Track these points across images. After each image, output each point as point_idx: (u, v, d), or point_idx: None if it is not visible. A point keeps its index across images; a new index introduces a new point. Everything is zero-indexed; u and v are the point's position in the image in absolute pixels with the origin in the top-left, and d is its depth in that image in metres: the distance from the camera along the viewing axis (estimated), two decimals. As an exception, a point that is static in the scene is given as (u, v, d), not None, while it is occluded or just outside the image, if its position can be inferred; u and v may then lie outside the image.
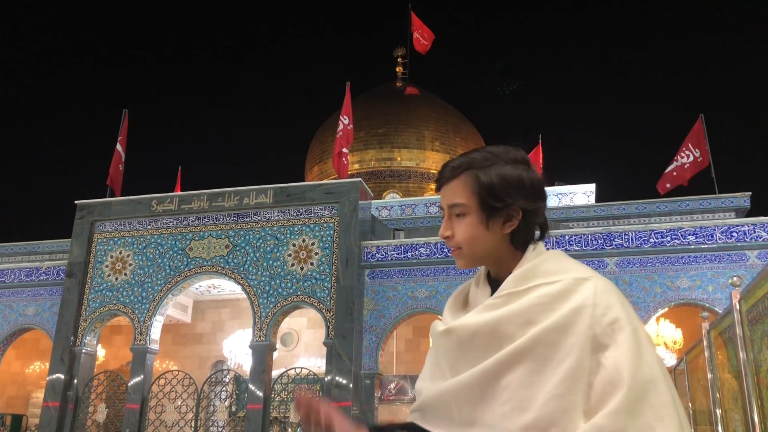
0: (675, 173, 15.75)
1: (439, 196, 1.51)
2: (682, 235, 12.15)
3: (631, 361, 1.18)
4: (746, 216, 15.64)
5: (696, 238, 12.06)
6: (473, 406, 1.27)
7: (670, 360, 13.00)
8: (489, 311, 1.32)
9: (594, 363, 1.20)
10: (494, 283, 1.43)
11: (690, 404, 6.21)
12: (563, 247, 12.63)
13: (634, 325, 1.23)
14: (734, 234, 11.90)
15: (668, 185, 15.85)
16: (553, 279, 1.30)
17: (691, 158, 15.61)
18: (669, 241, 12.18)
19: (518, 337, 1.25)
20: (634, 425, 1.14)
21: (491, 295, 1.39)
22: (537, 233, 1.45)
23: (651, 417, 1.15)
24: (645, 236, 12.34)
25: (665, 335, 13.84)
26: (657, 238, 12.26)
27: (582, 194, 19.08)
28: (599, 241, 12.53)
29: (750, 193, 16.24)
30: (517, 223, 1.39)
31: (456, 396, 1.30)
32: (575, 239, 12.61)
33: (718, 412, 4.77)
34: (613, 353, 1.20)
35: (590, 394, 1.19)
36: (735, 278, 3.93)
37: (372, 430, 1.37)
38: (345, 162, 15.14)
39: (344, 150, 15.18)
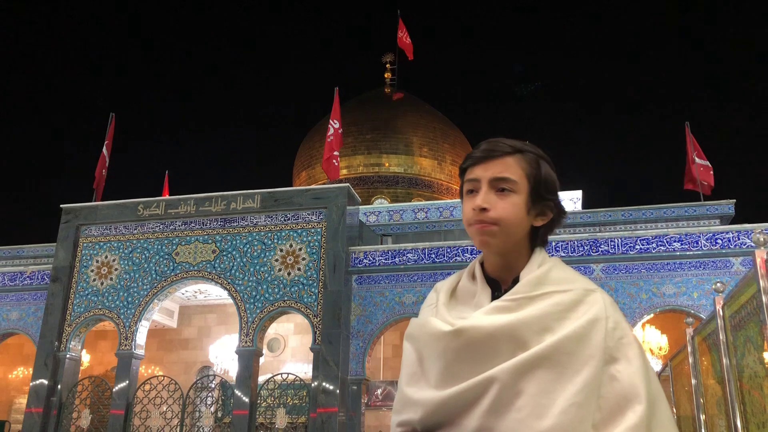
0: (703, 180, 15.68)
1: (425, 203, 1.52)
2: (667, 242, 12.24)
3: (643, 378, 1.22)
4: (731, 223, 15.78)
5: (681, 244, 12.16)
6: (482, 413, 1.22)
7: (656, 366, 13.08)
8: (503, 314, 1.29)
9: (606, 375, 1.22)
10: (490, 281, 1.41)
11: (674, 410, 6.24)
12: (550, 253, 12.66)
13: (638, 341, 1.28)
14: (719, 241, 12.01)
15: (705, 183, 15.76)
16: (564, 287, 1.31)
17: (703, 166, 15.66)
18: (655, 248, 12.27)
19: (534, 344, 1.24)
20: None
21: (492, 295, 1.38)
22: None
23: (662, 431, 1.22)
24: (631, 243, 12.42)
25: (651, 341, 13.92)
26: (643, 245, 12.35)
27: (569, 201, 19.18)
28: (585, 248, 12.59)
29: (734, 200, 16.41)
30: (549, 219, 1.42)
31: (464, 403, 1.24)
32: (562, 245, 12.66)
33: (702, 417, 4.80)
34: (626, 368, 1.23)
35: (601, 404, 1.21)
36: (719, 284, 3.97)
37: None
38: (336, 164, 15.18)
39: (335, 153, 15.20)
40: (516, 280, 1.37)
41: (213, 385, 14.36)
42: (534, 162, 1.41)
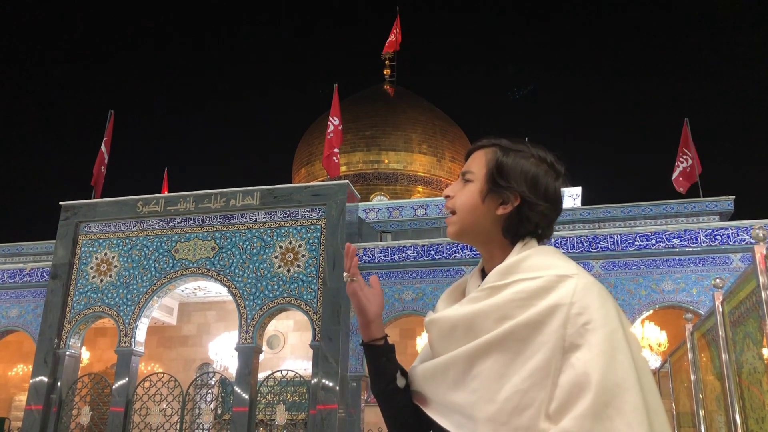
0: (682, 177, 15.78)
1: (424, 199, 1.57)
2: (666, 238, 12.25)
3: (601, 365, 1.15)
4: (730, 219, 15.79)
5: (681, 241, 12.16)
6: (447, 390, 1.33)
7: (655, 362, 13.08)
8: (470, 304, 1.33)
9: (564, 363, 1.18)
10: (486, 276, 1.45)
11: (674, 406, 6.25)
12: (549, 249, 12.68)
13: (611, 326, 1.20)
14: (718, 237, 12.02)
15: (681, 189, 15.88)
16: (534, 275, 1.28)
17: (690, 162, 15.76)
18: (654, 244, 12.27)
19: (492, 332, 1.28)
20: (600, 430, 1.12)
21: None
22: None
23: (619, 422, 1.12)
24: (630, 239, 12.42)
25: (650, 338, 13.92)
26: (642, 241, 12.35)
27: (568, 197, 19.16)
28: (585, 244, 12.60)
29: (734, 196, 16.40)
30: (511, 208, 1.39)
31: (434, 377, 1.37)
32: (561, 242, 12.67)
33: (702, 413, 4.81)
34: (584, 355, 1.17)
35: (556, 393, 1.17)
36: (718, 280, 3.97)
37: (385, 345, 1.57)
38: (336, 161, 15.15)
39: (335, 150, 15.20)
40: None
41: (213, 382, 14.37)
42: (493, 153, 1.44)
